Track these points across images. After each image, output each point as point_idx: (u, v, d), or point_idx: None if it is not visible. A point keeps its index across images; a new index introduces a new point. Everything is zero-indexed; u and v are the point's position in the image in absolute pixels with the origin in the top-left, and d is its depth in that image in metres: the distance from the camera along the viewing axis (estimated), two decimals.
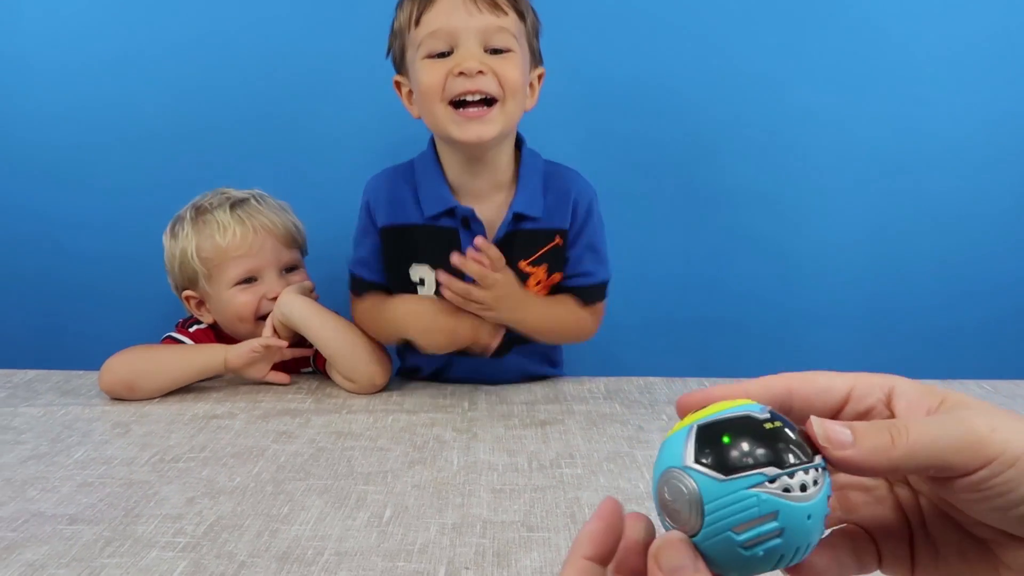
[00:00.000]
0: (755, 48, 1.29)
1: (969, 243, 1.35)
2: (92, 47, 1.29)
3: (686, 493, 0.28)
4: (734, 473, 0.28)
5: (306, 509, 0.72)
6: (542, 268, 1.01)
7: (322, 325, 1.03)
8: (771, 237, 1.35)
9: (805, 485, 0.28)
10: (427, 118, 0.95)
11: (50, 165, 1.33)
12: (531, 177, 1.00)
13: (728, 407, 0.30)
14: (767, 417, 0.29)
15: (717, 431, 0.29)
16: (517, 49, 0.93)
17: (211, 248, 1.05)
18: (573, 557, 0.29)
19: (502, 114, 0.92)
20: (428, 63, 0.92)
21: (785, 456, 0.28)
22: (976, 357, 1.36)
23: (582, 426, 0.93)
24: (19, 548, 0.65)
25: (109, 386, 1.01)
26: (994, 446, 0.26)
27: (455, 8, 0.91)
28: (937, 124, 1.32)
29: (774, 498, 0.27)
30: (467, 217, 0.98)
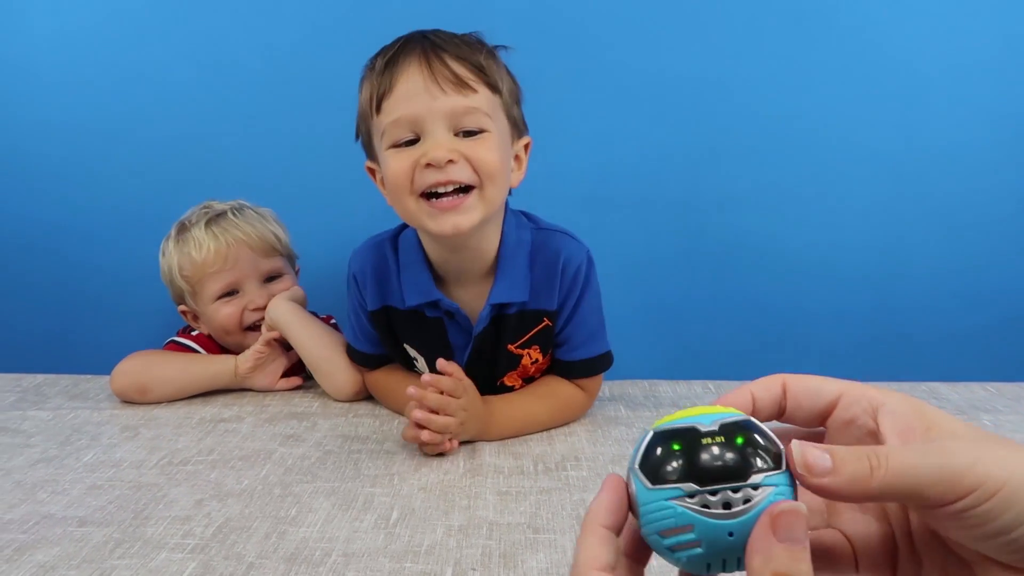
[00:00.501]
0: (760, 51, 1.30)
1: (973, 246, 1.35)
2: (102, 56, 1.30)
3: (631, 492, 0.31)
4: (659, 483, 0.30)
5: (313, 511, 0.73)
6: (534, 349, 0.95)
7: (302, 331, 1.05)
8: (775, 240, 1.35)
9: (729, 503, 0.29)
10: (400, 211, 0.87)
11: (58, 173, 1.34)
12: (513, 258, 0.92)
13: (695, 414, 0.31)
14: (712, 431, 0.30)
15: (665, 439, 0.31)
16: (492, 128, 0.83)
17: (190, 266, 1.07)
18: (591, 526, 0.30)
19: (480, 201, 0.83)
20: (394, 153, 0.83)
21: (710, 473, 0.29)
22: (980, 359, 1.36)
23: (587, 429, 0.94)
24: (30, 550, 0.66)
25: (121, 389, 1.02)
26: (973, 479, 0.27)
27: (416, 91, 0.81)
28: (941, 128, 1.32)
29: (689, 512, 0.29)
30: (451, 311, 0.93)
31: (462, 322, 0.94)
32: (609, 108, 1.31)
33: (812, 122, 1.32)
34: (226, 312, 1.07)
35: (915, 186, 1.34)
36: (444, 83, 0.81)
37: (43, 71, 1.31)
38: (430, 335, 0.95)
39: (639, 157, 1.33)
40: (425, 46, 0.83)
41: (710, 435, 0.30)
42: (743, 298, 1.37)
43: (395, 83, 0.82)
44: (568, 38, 1.28)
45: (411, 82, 0.82)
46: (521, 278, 0.92)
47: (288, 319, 1.05)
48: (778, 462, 0.30)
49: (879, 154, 1.33)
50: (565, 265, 0.92)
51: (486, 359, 0.95)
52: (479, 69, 0.83)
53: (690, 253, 1.36)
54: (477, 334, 0.93)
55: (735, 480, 0.29)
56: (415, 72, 0.82)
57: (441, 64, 0.82)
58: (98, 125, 1.32)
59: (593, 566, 0.29)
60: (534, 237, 0.94)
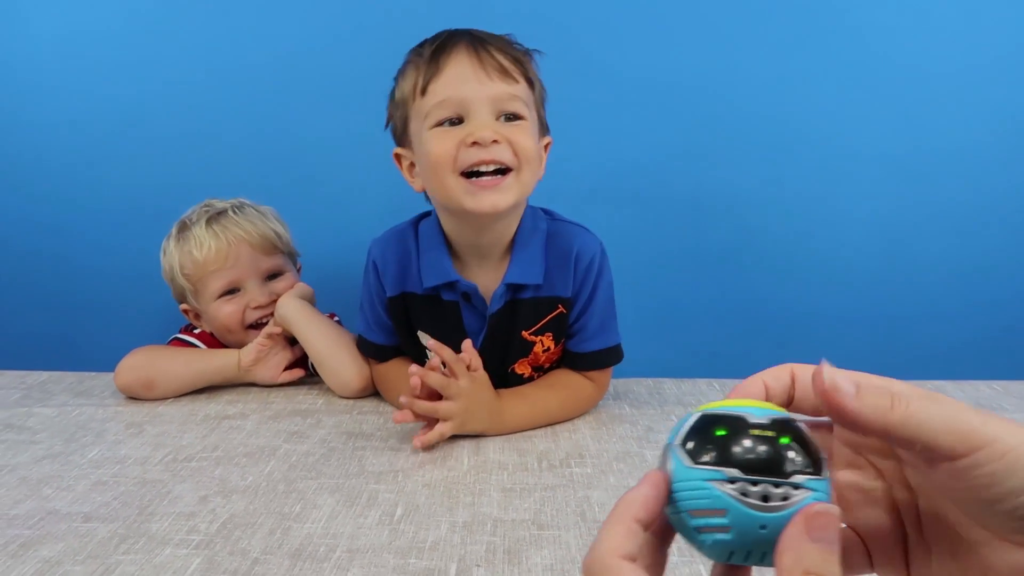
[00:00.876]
0: (766, 50, 1.30)
1: (980, 245, 1.35)
2: (106, 56, 1.31)
3: (665, 469, 0.31)
4: (701, 463, 0.30)
5: (318, 507, 0.73)
6: (547, 336, 0.97)
7: (309, 328, 1.05)
8: (783, 239, 1.35)
9: (768, 496, 0.29)
10: (436, 191, 0.89)
11: (62, 172, 1.34)
12: (529, 242, 0.95)
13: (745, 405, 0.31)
14: (762, 423, 0.30)
15: (712, 423, 0.31)
16: (529, 117, 0.88)
17: (191, 264, 1.07)
18: (622, 515, 0.30)
19: (517, 183, 0.87)
20: (438, 132, 0.86)
21: (756, 464, 0.29)
22: (987, 358, 1.36)
23: (591, 426, 0.93)
24: (35, 545, 0.66)
25: (126, 384, 1.02)
26: (983, 435, 0.28)
27: (465, 76, 0.85)
28: (949, 129, 1.31)
29: (726, 497, 0.29)
30: (467, 292, 0.95)
31: (478, 304, 0.95)
32: (617, 105, 1.31)
33: (821, 122, 1.31)
34: (227, 311, 1.08)
35: (922, 186, 1.33)
36: (491, 71, 0.86)
37: (46, 71, 1.32)
38: (445, 320, 0.96)
39: (646, 155, 1.33)
40: (471, 38, 0.88)
41: (760, 427, 0.30)
42: (750, 297, 1.37)
43: (444, 67, 0.86)
44: (575, 36, 1.28)
45: (460, 66, 0.86)
46: (535, 261, 0.94)
47: (296, 317, 1.06)
48: (819, 469, 0.30)
49: (887, 154, 1.32)
50: (579, 255, 0.95)
51: (499, 345, 0.96)
52: (519, 62, 0.89)
53: (697, 252, 1.36)
54: (492, 314, 0.94)
55: (778, 475, 0.29)
56: (464, 58, 0.86)
57: (487, 54, 0.87)
58: (101, 125, 1.33)
59: (616, 553, 0.29)
60: (549, 226, 0.97)
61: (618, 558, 0.29)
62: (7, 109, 1.33)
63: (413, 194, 0.97)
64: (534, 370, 1.00)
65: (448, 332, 0.95)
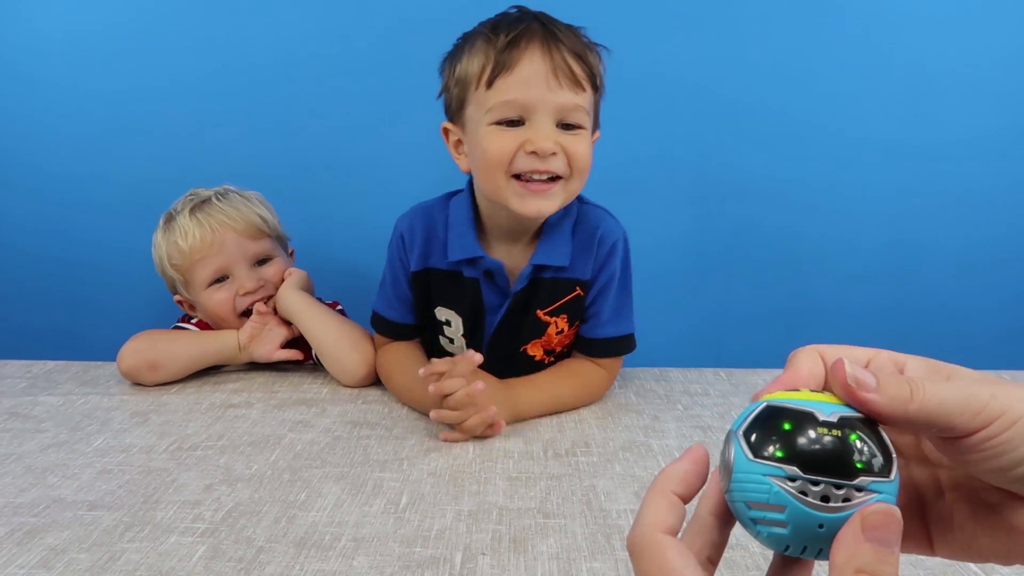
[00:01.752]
0: (770, 39, 1.29)
1: (985, 231, 1.34)
2: (97, 49, 1.31)
3: (726, 456, 0.31)
4: (762, 457, 0.29)
5: (323, 496, 0.73)
6: (562, 318, 0.97)
7: (309, 317, 1.06)
8: (788, 229, 1.35)
9: (829, 497, 0.28)
10: (485, 185, 0.89)
11: (66, 161, 1.34)
12: (558, 224, 0.95)
13: (814, 399, 0.31)
14: (830, 421, 0.30)
15: (778, 415, 0.30)
16: (588, 125, 0.88)
17: (178, 255, 1.08)
18: (662, 489, 0.30)
19: (564, 190, 0.88)
20: (497, 131, 0.85)
21: (819, 463, 0.29)
22: (993, 347, 1.35)
23: (597, 416, 0.93)
24: (41, 533, 0.66)
25: (129, 368, 1.03)
26: (995, 408, 0.29)
27: (536, 79, 0.84)
28: (956, 119, 1.31)
29: (786, 494, 0.29)
30: (491, 270, 0.94)
31: (500, 282, 0.95)
32: (622, 96, 1.30)
33: (826, 113, 1.31)
34: (218, 298, 1.08)
35: (930, 176, 1.33)
36: (562, 78, 0.84)
37: (46, 68, 1.32)
38: (465, 296, 0.96)
39: (653, 145, 1.32)
40: (546, 35, 0.85)
41: (827, 425, 0.29)
42: (755, 286, 1.36)
43: (515, 65, 0.84)
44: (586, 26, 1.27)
45: (532, 68, 0.84)
46: (563, 243, 0.95)
47: (297, 308, 1.06)
48: (888, 471, 0.29)
49: (893, 145, 1.32)
50: (603, 238, 0.95)
51: (514, 324, 0.97)
52: (589, 67, 0.87)
53: (703, 241, 1.35)
54: (515, 292, 0.94)
55: (841, 476, 0.28)
56: (538, 60, 0.85)
57: (560, 57, 0.84)
58: (100, 117, 1.33)
59: (660, 528, 0.29)
60: (579, 208, 0.97)
61: (661, 533, 0.29)
62: (6, 106, 1.33)
63: (421, 184, 0.97)
64: (546, 353, 1.00)
65: (467, 308, 0.96)
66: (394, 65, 1.28)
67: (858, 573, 0.27)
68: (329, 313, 1.08)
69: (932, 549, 0.33)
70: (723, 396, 0.99)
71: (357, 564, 0.61)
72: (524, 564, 0.61)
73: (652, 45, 1.28)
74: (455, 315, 0.99)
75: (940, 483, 0.33)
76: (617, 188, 1.32)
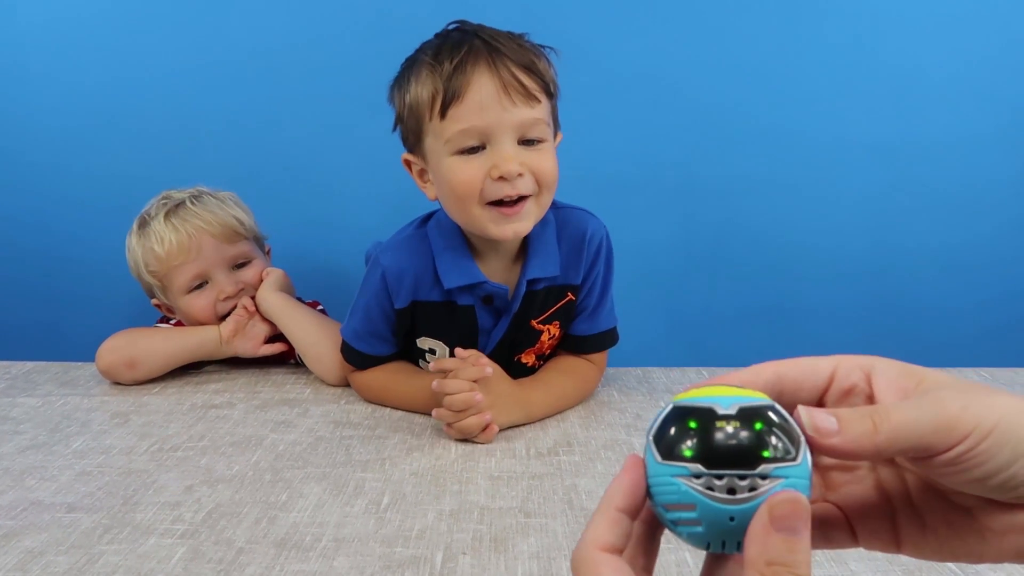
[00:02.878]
0: (755, 37, 1.29)
1: (970, 233, 1.35)
2: (83, 46, 1.30)
3: (645, 460, 0.32)
4: (668, 459, 0.30)
5: (304, 496, 0.72)
6: (554, 325, 0.97)
7: (289, 318, 1.06)
8: (773, 227, 1.35)
9: (734, 489, 0.29)
10: (459, 216, 0.88)
11: (44, 155, 1.33)
12: (541, 236, 0.93)
13: (717, 394, 0.31)
14: (729, 414, 0.30)
15: (683, 415, 0.31)
16: (549, 136, 0.86)
17: (155, 261, 1.06)
18: (606, 508, 0.30)
19: (536, 206, 0.87)
20: (461, 161, 0.83)
21: (720, 457, 0.29)
22: (974, 344, 1.36)
23: (579, 414, 0.93)
24: (18, 535, 0.65)
25: (108, 366, 1.02)
26: (967, 423, 0.28)
27: (488, 102, 0.81)
28: (939, 117, 1.31)
29: (694, 492, 0.29)
30: (491, 295, 0.93)
31: (499, 304, 0.94)
32: (607, 95, 1.31)
33: (812, 112, 1.31)
34: (200, 305, 1.07)
35: (914, 176, 1.34)
36: (514, 94, 0.82)
37: (30, 64, 1.30)
38: (457, 324, 0.94)
39: (636, 143, 1.32)
40: (490, 52, 0.83)
41: (726, 418, 0.30)
42: (739, 285, 1.37)
43: (466, 91, 0.82)
44: (567, 27, 1.27)
45: (483, 92, 0.81)
46: (552, 253, 0.94)
47: (277, 309, 1.06)
48: (795, 454, 0.29)
49: (876, 145, 1.33)
50: (591, 239, 0.95)
51: (510, 337, 0.96)
52: (541, 78, 0.85)
53: (687, 240, 1.36)
54: (515, 312, 0.93)
55: (743, 467, 0.29)
56: (486, 82, 0.82)
57: (509, 75, 0.82)
58: (81, 118, 1.32)
59: (596, 545, 0.29)
60: (555, 215, 0.96)
61: (598, 550, 0.29)
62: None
63: (399, 182, 0.96)
64: (537, 358, 1.00)
65: (462, 335, 0.94)
66: (374, 64, 1.26)
67: (770, 566, 0.27)
68: (310, 313, 1.07)
69: (899, 548, 0.33)
70: None
71: (338, 564, 0.61)
72: (504, 564, 0.61)
73: (636, 45, 1.29)
74: (440, 344, 0.97)
75: (907, 485, 0.33)
76: (601, 188, 1.32)
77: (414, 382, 0.94)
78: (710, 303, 1.38)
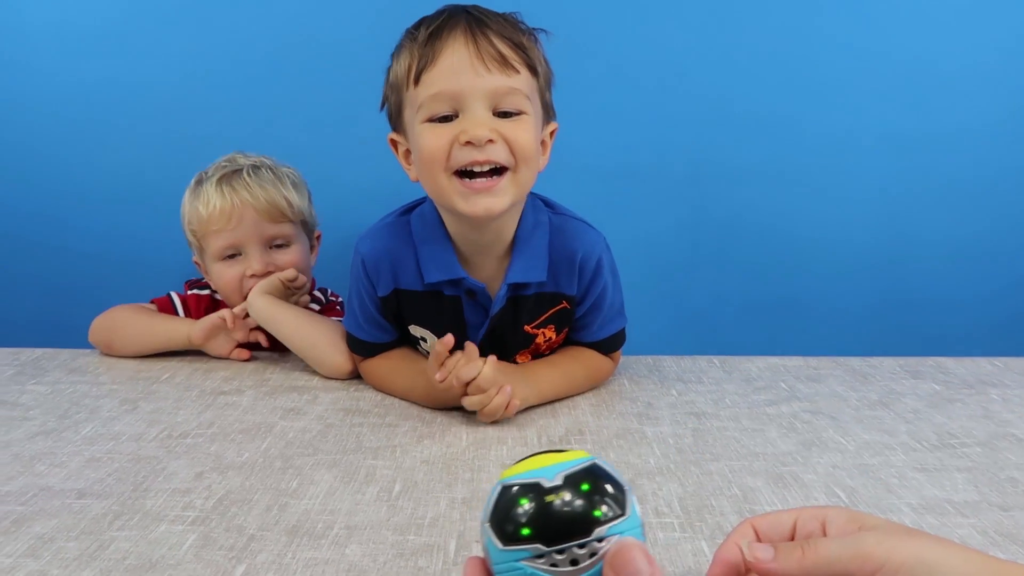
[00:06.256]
0: (766, 28, 1.28)
1: (979, 222, 1.34)
2: (101, 31, 1.29)
3: (485, 547, 0.33)
4: (509, 543, 0.31)
5: (315, 484, 0.72)
6: (549, 328, 0.95)
7: (281, 323, 1.03)
8: (782, 216, 1.34)
9: (576, 560, 0.30)
10: (429, 187, 0.85)
11: (57, 143, 1.33)
12: (531, 239, 0.90)
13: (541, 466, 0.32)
14: (556, 485, 0.31)
15: (513, 494, 0.32)
16: (530, 110, 0.82)
17: (196, 220, 1.07)
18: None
19: (513, 184, 0.82)
20: (430, 128, 0.81)
21: (555, 532, 0.30)
22: (988, 334, 1.35)
23: (590, 402, 0.93)
24: (28, 521, 0.65)
25: (94, 342, 1.10)
26: (880, 556, 0.36)
27: (461, 67, 0.79)
28: (949, 107, 1.30)
29: (540, 572, 0.30)
30: (473, 290, 0.91)
31: (482, 301, 0.92)
32: (615, 84, 1.30)
33: (822, 102, 1.31)
34: (227, 276, 1.08)
35: (924, 166, 1.33)
36: (489, 61, 0.80)
37: (40, 60, 1.30)
38: (444, 315, 0.92)
39: (646, 131, 1.31)
40: (470, 21, 0.81)
41: (553, 491, 0.31)
42: (749, 274, 1.36)
43: (438, 56, 0.80)
44: (573, 15, 1.26)
45: (456, 56, 0.80)
46: (538, 258, 0.90)
47: (267, 315, 1.03)
48: (623, 507, 0.31)
49: (886, 136, 1.32)
50: (584, 260, 0.91)
51: (500, 339, 0.94)
52: (522, 49, 0.82)
53: (696, 229, 1.35)
54: (494, 315, 0.91)
55: (580, 536, 0.30)
56: (460, 47, 0.80)
57: (486, 41, 0.80)
58: (92, 108, 1.32)
59: None
60: (551, 220, 0.93)
61: None
62: None
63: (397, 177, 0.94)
64: (534, 358, 0.98)
65: (447, 324, 0.91)
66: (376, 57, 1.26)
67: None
68: (302, 315, 1.04)
69: None
70: (716, 383, 0.99)
71: (350, 552, 0.61)
72: None
73: (646, 37, 1.28)
74: (430, 333, 0.95)
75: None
76: (609, 177, 1.31)
77: (413, 374, 0.92)
78: (719, 292, 1.37)
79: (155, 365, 1.06)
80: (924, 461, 0.76)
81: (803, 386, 0.98)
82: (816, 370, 1.04)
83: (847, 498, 0.69)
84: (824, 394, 0.95)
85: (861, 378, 1.01)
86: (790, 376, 1.02)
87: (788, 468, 0.75)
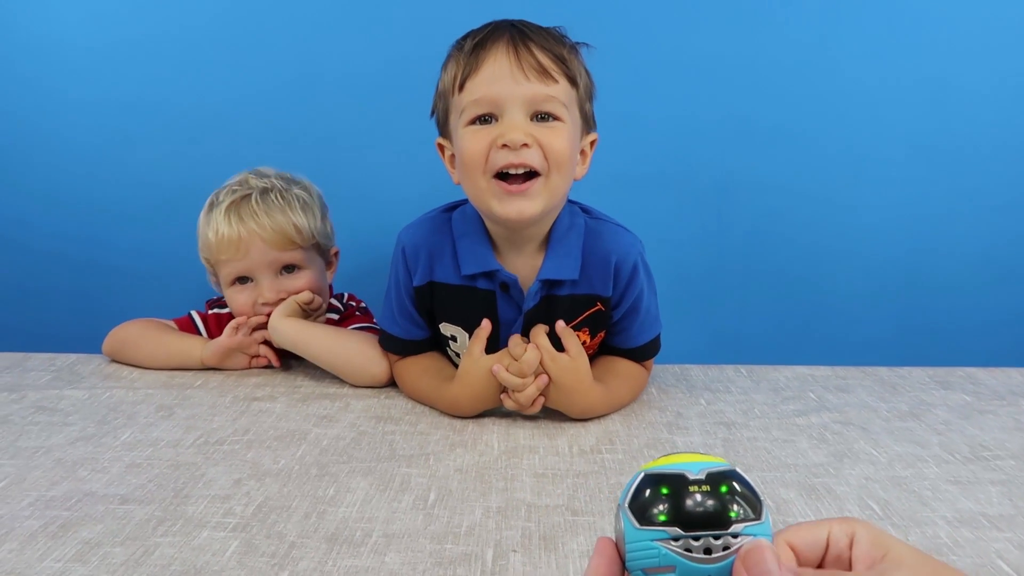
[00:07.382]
0: (790, 32, 1.28)
1: (1009, 230, 1.33)
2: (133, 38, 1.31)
3: (618, 529, 0.35)
4: (646, 524, 0.33)
5: (351, 491, 0.73)
6: (583, 332, 0.95)
7: (310, 345, 1.02)
8: (809, 224, 1.34)
9: (710, 549, 0.32)
10: (468, 189, 0.88)
11: (90, 154, 1.35)
12: (565, 237, 0.92)
13: (684, 461, 0.34)
14: (699, 479, 0.33)
15: (656, 482, 0.34)
16: (566, 118, 0.85)
17: (207, 247, 1.08)
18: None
19: (545, 189, 0.85)
20: (471, 131, 0.85)
21: (694, 520, 0.32)
22: (1016, 347, 1.34)
23: (620, 412, 0.93)
24: (75, 526, 0.67)
25: (107, 353, 1.13)
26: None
27: (502, 75, 0.83)
28: (975, 111, 1.30)
29: (673, 554, 0.32)
30: (507, 283, 0.92)
31: (515, 296, 0.93)
32: (642, 89, 1.30)
33: (848, 107, 1.30)
34: (239, 300, 1.08)
35: (950, 169, 1.32)
36: (528, 70, 0.83)
37: (70, 52, 1.32)
38: (477, 310, 0.94)
39: (672, 137, 1.32)
40: (513, 33, 0.85)
41: (697, 483, 0.33)
42: (776, 282, 1.36)
43: (481, 65, 0.84)
44: (600, 15, 1.27)
45: (497, 65, 0.84)
46: (571, 257, 0.92)
47: (294, 338, 1.03)
48: (758, 513, 0.33)
49: (913, 145, 1.31)
50: (620, 263, 0.93)
51: None
52: (561, 61, 0.86)
53: (722, 237, 1.35)
54: (527, 310, 0.93)
55: (717, 528, 0.32)
56: (502, 56, 0.84)
57: (527, 52, 0.84)
58: (132, 110, 1.33)
59: None
60: (587, 223, 0.95)
61: None
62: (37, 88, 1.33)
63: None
64: None
65: (480, 319, 0.93)
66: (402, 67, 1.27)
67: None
68: (330, 332, 1.04)
69: None
70: (744, 392, 0.99)
71: (389, 560, 0.61)
72: (555, 562, 0.61)
73: (673, 46, 1.28)
74: (460, 331, 0.96)
75: None
76: (637, 186, 1.32)
77: (441, 380, 0.94)
78: (745, 301, 1.37)
79: (188, 371, 1.08)
80: (957, 473, 0.76)
81: (832, 396, 0.98)
82: (844, 380, 1.04)
83: (881, 511, 0.69)
84: (854, 404, 0.95)
85: (890, 388, 1.01)
86: (818, 386, 1.02)
87: (820, 480, 0.75)
